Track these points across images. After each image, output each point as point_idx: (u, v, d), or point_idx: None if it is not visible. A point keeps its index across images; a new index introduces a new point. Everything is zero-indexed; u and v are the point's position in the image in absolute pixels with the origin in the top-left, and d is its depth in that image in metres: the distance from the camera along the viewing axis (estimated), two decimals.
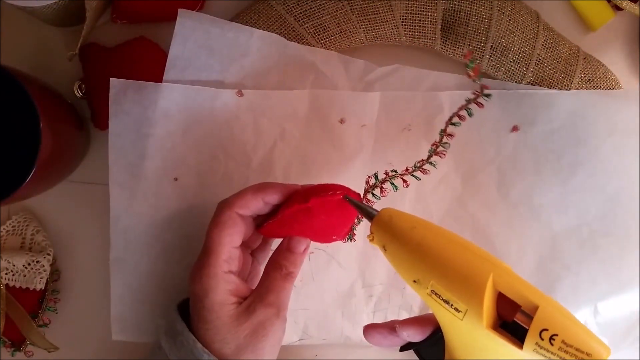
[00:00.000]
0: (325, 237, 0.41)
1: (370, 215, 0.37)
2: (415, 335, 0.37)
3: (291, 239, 0.40)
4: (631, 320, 0.48)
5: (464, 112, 0.38)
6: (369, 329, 0.39)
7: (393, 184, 0.39)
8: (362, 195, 0.39)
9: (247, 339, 0.37)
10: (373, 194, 0.39)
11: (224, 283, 0.38)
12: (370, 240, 0.37)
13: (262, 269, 0.42)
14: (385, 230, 0.36)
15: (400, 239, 0.35)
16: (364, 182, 0.39)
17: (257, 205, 0.40)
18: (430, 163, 0.39)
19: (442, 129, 0.39)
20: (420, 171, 0.39)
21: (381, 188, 0.39)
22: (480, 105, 0.37)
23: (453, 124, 0.39)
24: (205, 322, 0.37)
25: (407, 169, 0.39)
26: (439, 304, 0.33)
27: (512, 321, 0.31)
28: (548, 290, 0.47)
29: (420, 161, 0.39)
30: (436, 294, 0.33)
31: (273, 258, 0.40)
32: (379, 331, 0.38)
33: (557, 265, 0.48)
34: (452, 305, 0.32)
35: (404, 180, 0.39)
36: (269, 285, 0.39)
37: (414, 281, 0.34)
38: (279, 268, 0.39)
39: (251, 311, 0.38)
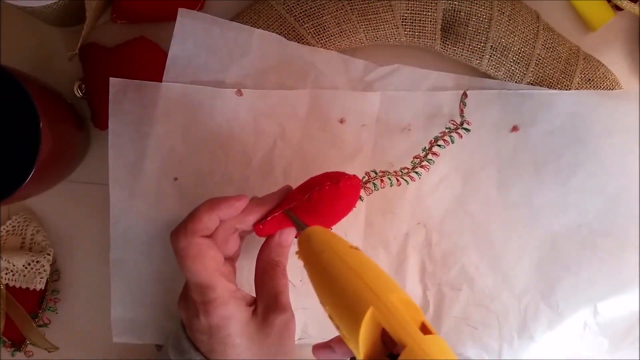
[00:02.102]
0: (326, 223, 0.41)
1: (299, 229, 0.38)
2: (345, 353, 0.37)
3: (282, 232, 0.40)
4: (631, 320, 0.48)
5: (447, 139, 0.43)
6: (315, 350, 0.39)
7: (390, 179, 0.42)
8: (362, 182, 0.41)
9: (276, 347, 0.37)
10: (374, 184, 0.41)
11: (239, 302, 0.37)
12: (297, 257, 0.37)
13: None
14: (303, 249, 0.37)
15: (310, 261, 0.36)
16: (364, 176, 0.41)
17: (213, 223, 0.38)
18: (416, 173, 0.43)
19: (425, 147, 0.44)
20: (409, 176, 0.42)
21: (381, 180, 0.40)
22: (460, 135, 0.44)
23: (438, 146, 0.43)
24: (235, 346, 0.36)
25: (396, 172, 0.41)
26: (335, 327, 0.34)
27: (396, 353, 0.31)
28: (548, 291, 0.47)
29: (405, 168, 0.43)
30: (332, 318, 0.34)
31: (265, 258, 0.39)
32: (322, 351, 0.39)
33: (557, 265, 0.48)
34: (341, 331, 0.33)
35: (397, 180, 0.42)
36: (275, 287, 0.38)
37: (320, 302, 0.35)
38: (276, 266, 0.39)
39: (270, 320, 0.37)
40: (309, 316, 0.48)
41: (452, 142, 0.41)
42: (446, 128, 0.40)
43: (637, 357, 0.48)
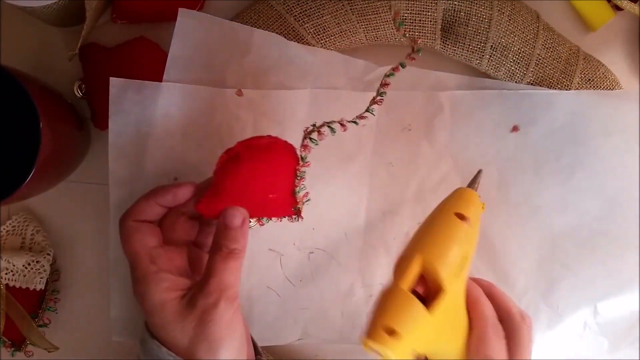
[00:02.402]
0: (265, 203, 0.39)
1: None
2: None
3: (225, 211, 0.38)
4: (631, 320, 0.48)
5: (398, 66, 0.39)
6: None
7: (331, 128, 0.38)
8: (301, 142, 0.38)
9: (196, 329, 0.36)
10: (311, 139, 0.38)
11: (155, 283, 0.37)
12: None
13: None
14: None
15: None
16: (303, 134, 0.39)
17: (153, 209, 0.40)
18: (369, 111, 0.39)
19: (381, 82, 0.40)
20: (359, 117, 0.39)
21: (319, 132, 0.38)
22: (413, 59, 0.39)
23: (387, 76, 0.39)
24: (153, 325, 0.38)
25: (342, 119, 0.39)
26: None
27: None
28: (548, 290, 0.47)
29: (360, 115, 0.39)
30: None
31: (213, 241, 0.39)
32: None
33: (557, 265, 0.48)
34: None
35: (342, 125, 0.38)
36: (209, 270, 0.38)
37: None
38: (219, 249, 0.38)
39: (193, 302, 0.37)
40: (308, 316, 0.48)
41: (403, 66, 0.38)
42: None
43: (637, 357, 0.48)
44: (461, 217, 0.39)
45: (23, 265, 0.47)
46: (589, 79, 0.48)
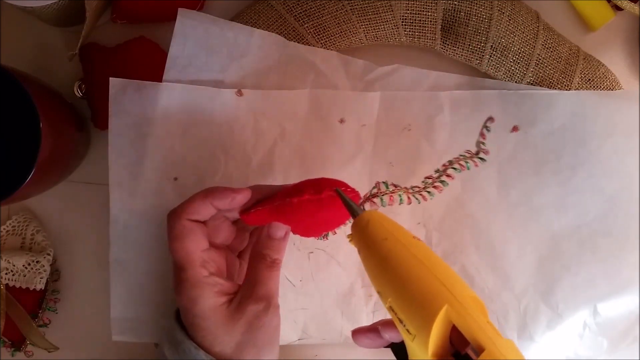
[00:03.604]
0: (311, 231, 0.40)
1: (354, 214, 0.36)
2: (396, 337, 0.37)
3: (270, 225, 0.39)
4: (630, 320, 0.48)
5: (463, 164, 0.41)
6: (357, 334, 0.39)
7: (400, 196, 0.40)
8: (363, 196, 0.39)
9: (245, 335, 0.37)
10: (382, 199, 0.39)
11: (208, 288, 0.38)
12: (349, 241, 0.37)
13: None
14: (360, 234, 0.35)
15: (371, 247, 0.34)
16: (372, 186, 0.39)
17: (208, 210, 0.39)
18: (429, 192, 0.42)
19: (439, 169, 0.42)
20: (420, 195, 0.41)
21: (391, 197, 0.39)
22: (475, 164, 0.42)
23: (454, 169, 0.42)
24: (201, 329, 0.37)
25: (407, 189, 0.40)
26: (395, 320, 0.33)
27: (464, 354, 0.30)
28: (548, 291, 0.47)
29: (417, 187, 0.42)
30: (393, 310, 0.32)
31: (254, 249, 0.40)
32: (366, 335, 0.38)
33: (557, 265, 0.48)
34: (404, 325, 0.32)
35: (408, 198, 0.41)
36: (255, 277, 0.38)
37: (378, 291, 0.34)
38: (263, 258, 0.39)
39: (243, 308, 0.37)
40: (308, 316, 0.48)
41: (468, 168, 0.40)
42: (461, 155, 0.40)
43: (636, 357, 0.48)
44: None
45: (23, 265, 0.47)
46: (589, 79, 0.48)
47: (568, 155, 0.47)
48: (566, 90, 0.47)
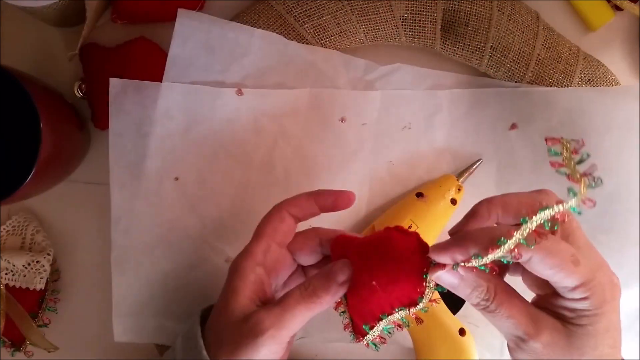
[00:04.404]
0: (386, 285, 0.35)
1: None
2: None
3: (336, 262, 0.36)
4: (631, 317, 0.48)
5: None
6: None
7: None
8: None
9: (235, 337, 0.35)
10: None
11: (249, 284, 0.36)
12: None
13: None
14: None
15: None
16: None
17: (309, 206, 0.38)
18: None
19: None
20: None
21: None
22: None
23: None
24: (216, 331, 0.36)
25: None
26: None
27: None
28: None
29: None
30: None
31: (308, 278, 0.38)
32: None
33: None
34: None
35: None
36: (283, 298, 0.35)
37: None
38: (306, 286, 0.36)
39: (255, 316, 0.35)
40: None
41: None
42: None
43: (637, 356, 0.48)
44: (419, 195, 0.46)
45: (23, 265, 0.47)
46: (589, 79, 0.48)
47: None
48: None
